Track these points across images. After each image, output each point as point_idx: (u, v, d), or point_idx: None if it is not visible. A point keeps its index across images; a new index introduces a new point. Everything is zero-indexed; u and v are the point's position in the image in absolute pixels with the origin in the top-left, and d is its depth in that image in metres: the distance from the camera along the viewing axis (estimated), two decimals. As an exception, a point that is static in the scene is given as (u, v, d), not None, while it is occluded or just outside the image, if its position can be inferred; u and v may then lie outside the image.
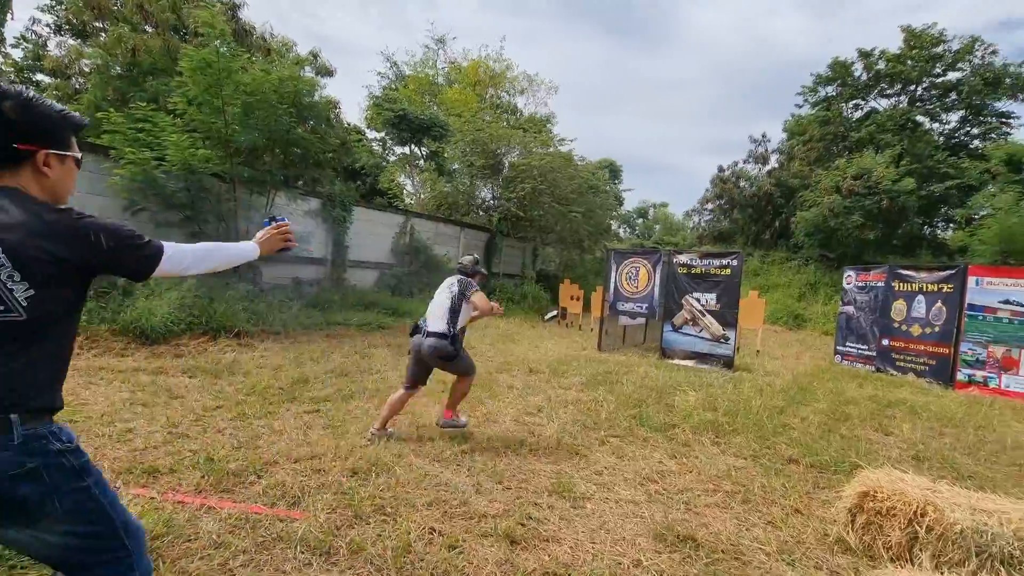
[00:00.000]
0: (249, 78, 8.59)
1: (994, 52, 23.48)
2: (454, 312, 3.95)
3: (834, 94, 27.37)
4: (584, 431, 4.44)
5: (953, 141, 25.15)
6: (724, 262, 8.39)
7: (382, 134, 18.45)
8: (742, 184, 23.27)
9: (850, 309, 9.97)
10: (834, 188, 18.12)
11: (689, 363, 8.46)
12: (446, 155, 17.04)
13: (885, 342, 8.95)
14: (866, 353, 9.37)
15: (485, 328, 11.17)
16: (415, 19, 58.37)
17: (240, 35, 12.86)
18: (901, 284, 8.80)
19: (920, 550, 2.45)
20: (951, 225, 23.17)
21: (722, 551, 2.56)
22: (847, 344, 9.91)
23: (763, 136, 24.30)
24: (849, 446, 4.51)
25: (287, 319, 8.60)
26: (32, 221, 1.20)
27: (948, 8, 59.52)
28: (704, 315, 8.47)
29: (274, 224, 1.81)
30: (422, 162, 18.12)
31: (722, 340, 8.30)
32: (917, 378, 8.22)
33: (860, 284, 9.78)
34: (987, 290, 7.73)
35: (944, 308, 8.10)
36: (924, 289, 8.42)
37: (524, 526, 2.66)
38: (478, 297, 3.99)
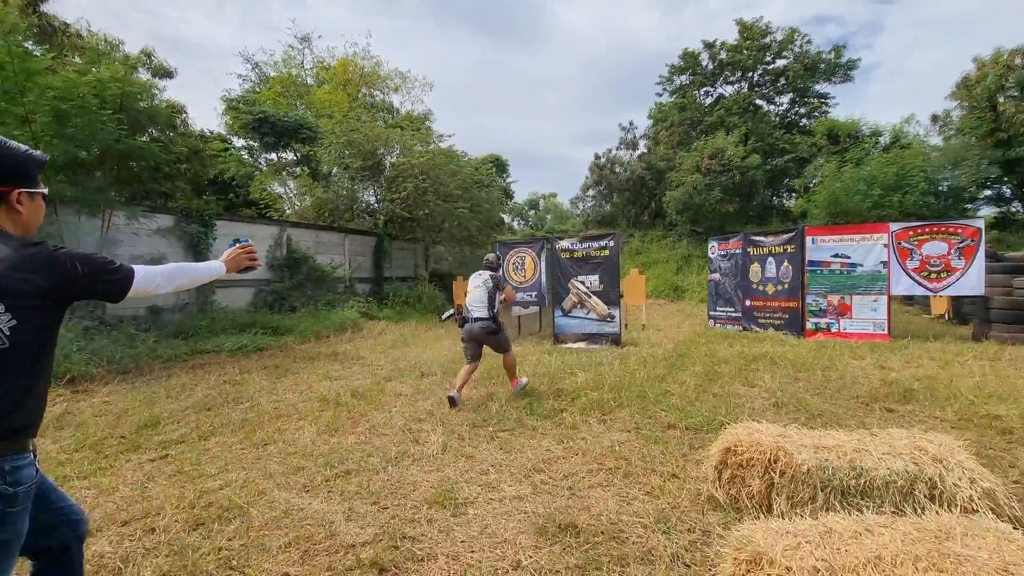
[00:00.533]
0: (60, 81, 7.36)
1: (809, 41, 26.97)
2: (491, 300, 5.25)
3: (688, 83, 29.99)
4: (472, 430, 4.29)
5: (787, 120, 28.58)
6: (602, 244, 8.71)
7: (249, 141, 16.89)
8: (617, 169, 24.63)
9: (716, 276, 10.88)
10: (695, 167, 19.77)
11: (581, 345, 8.69)
12: (320, 158, 16.01)
13: (748, 303, 9.88)
14: (733, 315, 10.28)
15: (378, 336, 10.68)
16: (278, 18, 54.32)
17: (46, 32, 11.00)
18: (755, 249, 9.75)
19: (776, 494, 2.60)
20: (793, 194, 26.44)
21: (602, 533, 2.53)
22: (717, 309, 10.82)
23: (630, 124, 25.96)
24: (720, 403, 4.83)
25: (140, 354, 7.52)
26: (12, 255, 1.29)
27: (772, 5, 67.79)
28: (590, 296, 8.73)
29: (239, 244, 2.01)
30: (298, 168, 16.91)
31: (608, 319, 8.62)
32: (776, 332, 9.17)
33: (723, 253, 10.70)
34: (820, 247, 8.79)
35: (790, 267, 9.09)
36: (773, 252, 9.39)
37: (397, 549, 2.43)
38: (507, 289, 5.57)
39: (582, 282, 8.78)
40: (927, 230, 8.16)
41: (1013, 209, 20.13)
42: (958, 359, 6.46)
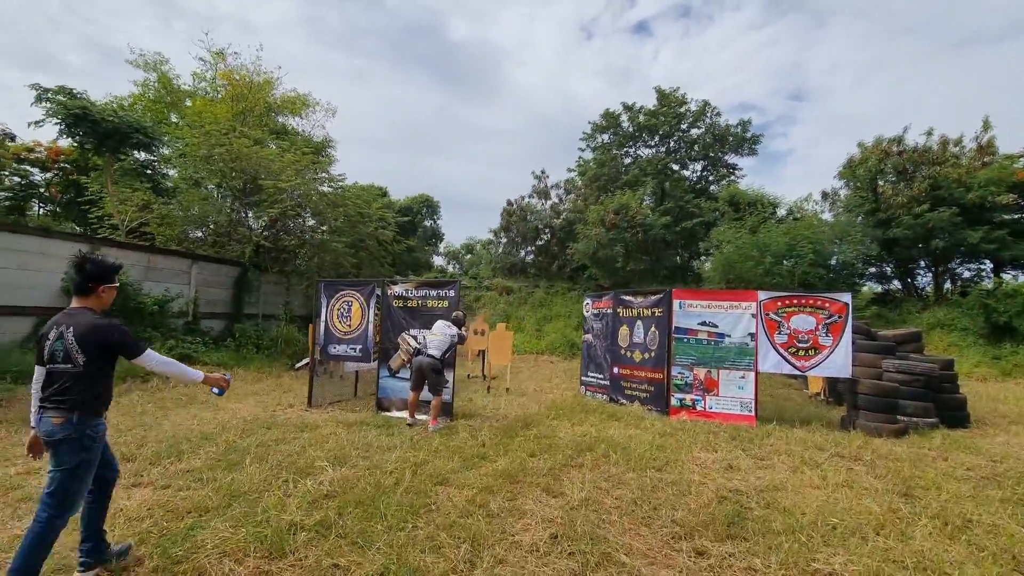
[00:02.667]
0: None
1: (719, 114, 28.26)
2: (450, 348, 6.71)
3: (609, 141, 30.60)
4: None
5: (698, 186, 29.52)
6: (441, 292, 7.29)
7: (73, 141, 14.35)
8: (528, 217, 23.90)
9: (589, 338, 9.74)
10: (599, 221, 19.26)
11: (406, 415, 7.07)
12: (172, 169, 13.88)
13: (616, 370, 8.72)
14: (602, 382, 9.08)
15: (177, 387, 8.54)
16: (224, 41, 51.67)
17: None
18: (624, 310, 8.70)
19: None
20: (703, 257, 26.83)
21: None
22: (589, 374, 9.61)
23: (543, 172, 25.53)
24: (481, 532, 3.33)
25: None
26: (91, 323, 2.65)
27: (703, 90, 73.34)
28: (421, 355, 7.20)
29: (225, 378, 3.04)
30: (141, 179, 14.60)
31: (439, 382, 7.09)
32: (641, 406, 8.00)
33: (595, 311, 9.62)
34: (688, 312, 7.83)
35: (657, 332, 8.05)
36: (642, 314, 8.36)
37: None
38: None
39: (414, 337, 7.26)
40: (795, 301, 7.39)
41: (894, 287, 21.06)
42: (815, 459, 5.40)
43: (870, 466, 5.18)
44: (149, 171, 14.40)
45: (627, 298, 8.74)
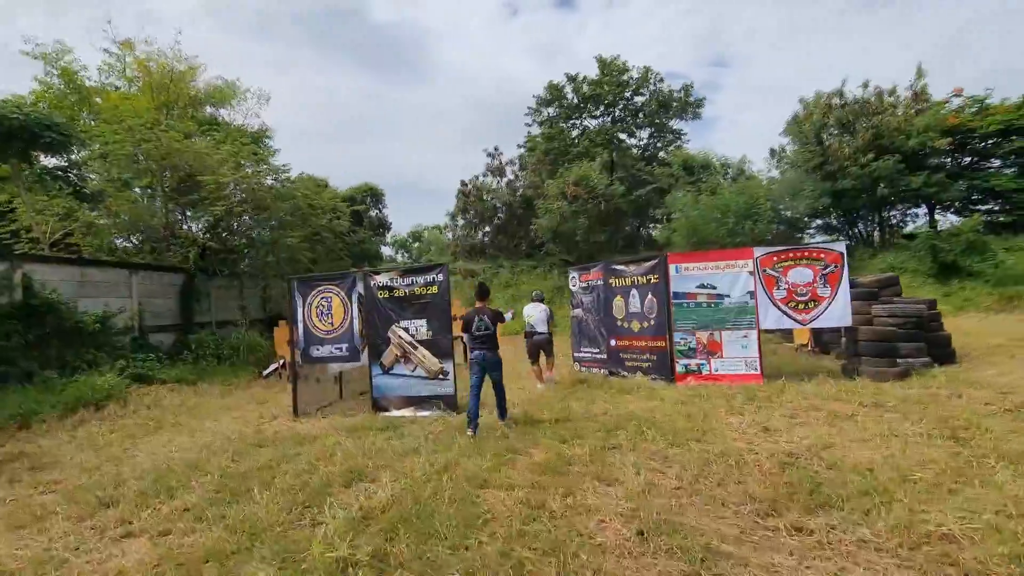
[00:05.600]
0: None
1: (662, 80, 28.38)
2: (549, 320, 8.24)
3: (555, 115, 30.20)
4: None
5: (647, 153, 29.73)
6: (429, 278, 6.72)
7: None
8: (485, 197, 23.29)
9: (579, 312, 9.44)
10: (560, 194, 18.96)
11: (407, 412, 6.54)
12: (92, 171, 12.35)
13: (613, 342, 8.48)
14: (599, 356, 8.84)
15: (137, 413, 7.62)
16: (130, 32, 46.68)
17: None
18: (617, 280, 8.43)
19: None
20: (657, 224, 27.16)
21: None
22: (582, 349, 9.33)
23: (495, 149, 24.87)
24: (553, 541, 2.93)
25: None
26: (491, 313, 5.85)
27: (630, 60, 74.03)
28: (416, 348, 6.65)
29: None
30: (59, 184, 12.93)
31: (441, 376, 6.59)
32: (645, 376, 7.80)
33: (584, 284, 9.31)
34: (686, 276, 7.64)
35: (655, 300, 7.84)
36: (637, 282, 8.12)
37: None
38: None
39: (405, 329, 6.69)
40: (792, 255, 7.34)
41: (840, 238, 22.06)
42: (844, 411, 5.34)
43: (900, 412, 5.16)
44: (67, 176, 12.75)
45: (618, 267, 8.47)
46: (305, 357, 7.08)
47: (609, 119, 29.58)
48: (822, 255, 7.23)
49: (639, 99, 29.07)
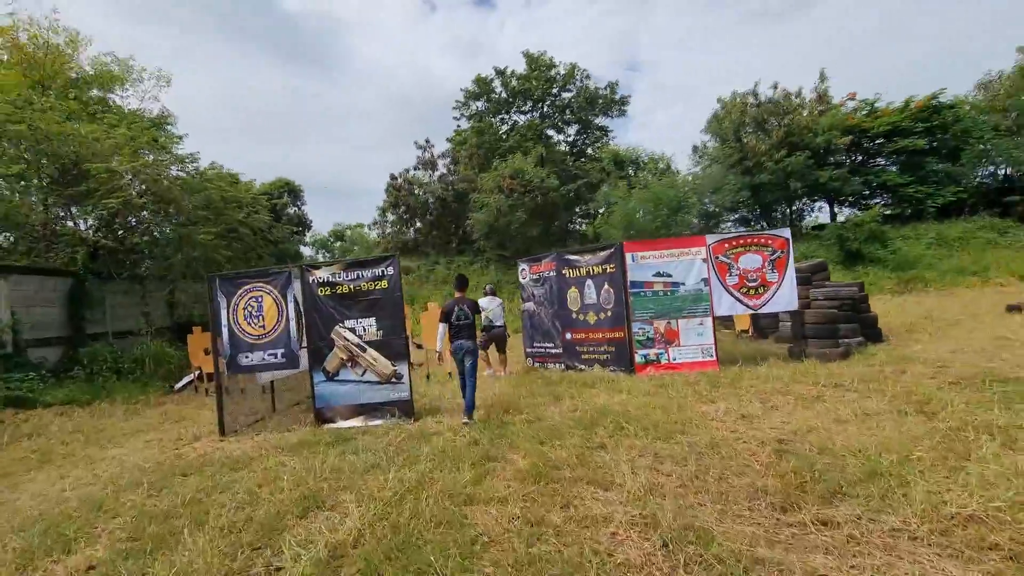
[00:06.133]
0: None
1: (588, 76, 28.84)
2: (502, 314, 8.38)
3: (484, 109, 29.81)
4: None
5: (576, 149, 30.15)
6: (378, 272, 6.08)
7: None
8: (416, 191, 22.40)
9: (531, 306, 9.11)
10: (497, 188, 18.61)
11: (357, 422, 5.86)
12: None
13: (568, 336, 8.23)
14: (553, 351, 8.56)
15: (11, 446, 6.30)
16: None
17: None
18: (570, 271, 8.19)
19: None
20: (584, 221, 27.56)
21: None
22: (535, 345, 9.02)
23: (427, 141, 24.01)
24: (571, 563, 2.54)
25: None
26: (471, 303, 5.97)
27: (552, 51, 75.14)
28: (364, 350, 5.99)
29: None
30: None
31: (394, 380, 5.98)
32: (603, 369, 7.61)
33: (534, 277, 8.99)
34: (642, 264, 7.54)
35: (611, 290, 7.67)
36: (592, 272, 7.92)
37: None
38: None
39: (352, 329, 6.00)
40: (742, 241, 7.45)
41: (758, 228, 23.53)
42: (809, 393, 5.40)
43: (859, 392, 5.29)
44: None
45: (572, 258, 8.22)
46: (233, 366, 6.16)
47: (538, 115, 29.67)
48: (769, 241, 7.39)
49: (567, 95, 29.41)
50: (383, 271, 6.04)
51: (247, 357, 6.13)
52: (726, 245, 7.44)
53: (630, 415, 5.10)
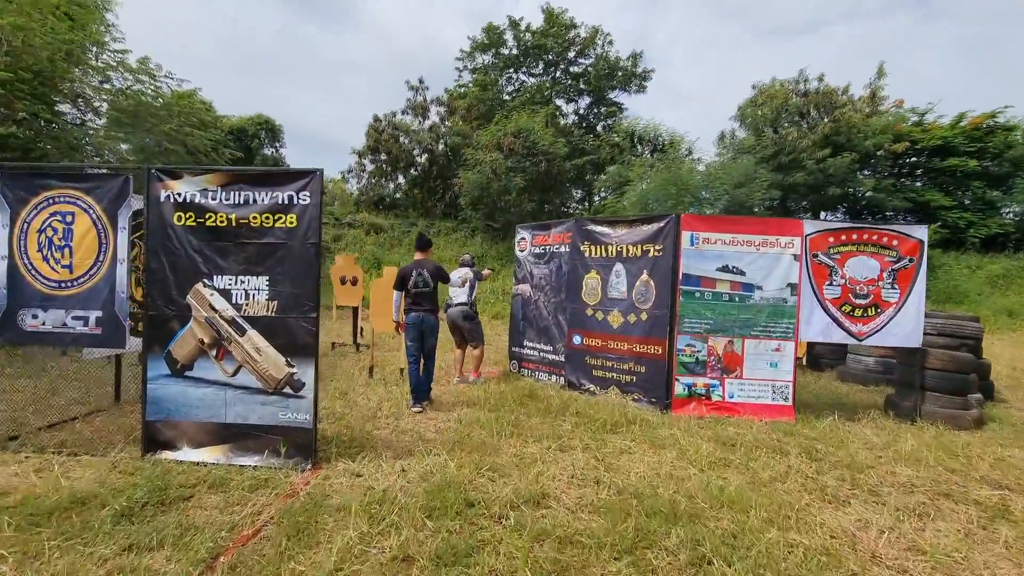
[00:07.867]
0: None
1: (611, 42, 25.97)
2: (471, 289, 5.85)
3: (491, 63, 26.80)
4: None
5: (585, 123, 27.39)
6: (283, 197, 3.45)
7: None
8: (402, 139, 19.44)
9: (525, 289, 6.61)
10: (495, 145, 15.88)
11: (215, 456, 3.34)
12: None
13: (577, 339, 5.77)
14: (551, 357, 6.10)
15: None
16: None
17: None
18: (592, 248, 5.69)
19: None
20: (595, 197, 24.92)
21: None
22: (526, 344, 6.54)
23: (420, 82, 20.85)
24: None
25: None
26: (433, 267, 4.91)
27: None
28: (243, 331, 3.42)
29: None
30: None
31: (289, 389, 3.43)
32: (624, 396, 5.20)
33: (538, 250, 6.47)
34: (704, 252, 5.07)
35: (653, 282, 5.21)
36: (625, 254, 5.43)
37: None
38: (485, 273, 6.33)
39: (225, 292, 3.43)
40: (855, 237, 5.04)
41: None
42: (992, 499, 3.06)
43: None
44: None
45: (597, 229, 5.72)
46: (8, 329, 3.54)
47: (549, 79, 26.77)
48: (895, 241, 4.99)
49: (585, 61, 26.55)
50: (293, 197, 3.43)
51: (35, 316, 3.50)
52: (831, 239, 5.02)
53: (700, 514, 2.69)
